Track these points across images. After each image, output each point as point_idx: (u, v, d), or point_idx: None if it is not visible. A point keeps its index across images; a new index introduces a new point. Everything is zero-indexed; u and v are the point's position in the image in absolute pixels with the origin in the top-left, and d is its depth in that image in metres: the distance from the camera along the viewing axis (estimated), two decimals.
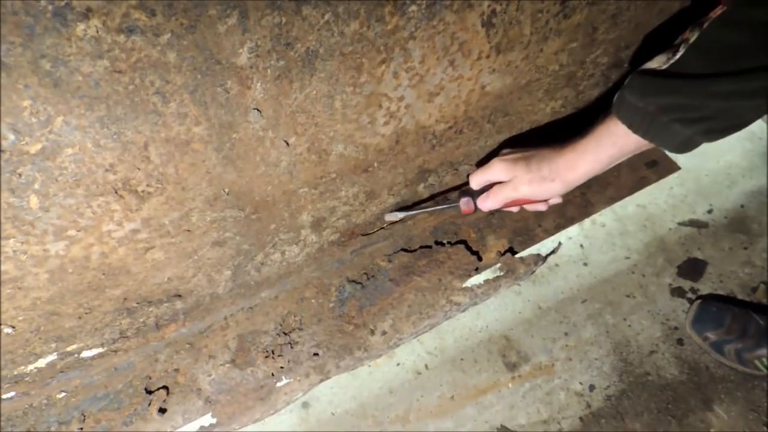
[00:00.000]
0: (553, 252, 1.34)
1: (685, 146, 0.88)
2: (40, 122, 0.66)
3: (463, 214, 1.16)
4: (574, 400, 1.61)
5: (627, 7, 1.04)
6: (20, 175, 0.71)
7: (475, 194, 1.13)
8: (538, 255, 1.32)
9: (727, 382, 1.60)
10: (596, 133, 0.95)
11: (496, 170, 1.06)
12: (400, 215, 1.25)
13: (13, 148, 0.67)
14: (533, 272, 1.33)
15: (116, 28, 0.62)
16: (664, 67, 0.87)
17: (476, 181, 1.11)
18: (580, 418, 1.58)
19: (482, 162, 1.19)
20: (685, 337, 1.67)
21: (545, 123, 1.27)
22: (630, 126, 0.89)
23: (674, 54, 0.87)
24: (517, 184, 1.03)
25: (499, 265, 1.31)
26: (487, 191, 1.09)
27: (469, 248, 1.33)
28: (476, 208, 1.13)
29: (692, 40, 0.85)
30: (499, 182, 1.08)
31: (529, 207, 1.12)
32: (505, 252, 1.32)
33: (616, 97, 0.93)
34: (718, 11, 0.84)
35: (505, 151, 1.12)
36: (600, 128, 0.95)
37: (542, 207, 1.12)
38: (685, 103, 0.83)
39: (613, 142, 0.93)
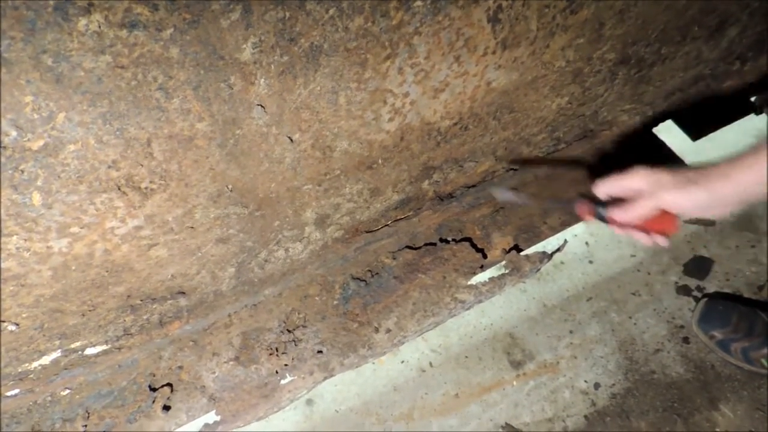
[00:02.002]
0: (558, 249, 1.33)
1: None
2: (42, 118, 0.66)
3: (579, 215, 1.04)
4: (579, 398, 1.60)
5: (634, 3, 1.03)
6: (23, 171, 0.70)
7: (598, 201, 1.00)
8: (544, 252, 1.31)
9: (733, 380, 1.58)
10: (758, 150, 0.81)
11: (637, 177, 0.91)
12: (508, 195, 1.15)
13: (16, 145, 0.67)
14: (539, 270, 1.32)
15: (118, 22, 0.61)
16: None
17: (606, 188, 0.97)
18: (585, 417, 1.57)
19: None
20: (691, 336, 1.65)
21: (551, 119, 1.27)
22: None
23: None
24: (659, 191, 0.88)
25: (504, 262, 1.30)
26: (628, 202, 0.94)
27: (474, 246, 1.32)
28: (597, 215, 1.00)
29: None
30: (633, 194, 0.94)
31: (651, 237, 0.97)
32: (511, 249, 1.31)
33: None
34: None
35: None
36: (763, 147, 0.81)
37: (664, 242, 0.97)
38: None
39: None
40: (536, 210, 1.36)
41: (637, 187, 0.91)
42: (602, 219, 0.99)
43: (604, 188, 0.97)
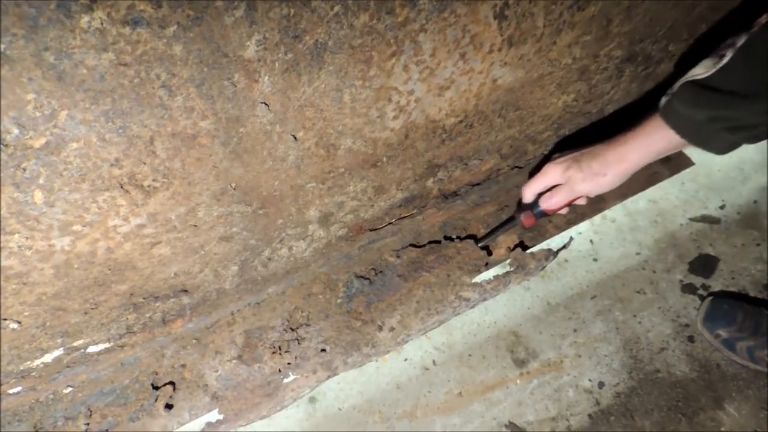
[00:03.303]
0: (564, 247, 1.33)
1: (729, 149, 0.94)
2: (44, 116, 0.65)
3: (525, 227, 1.21)
4: (583, 397, 1.59)
5: (642, 0, 1.02)
6: (25, 169, 0.70)
7: (531, 206, 1.17)
8: (549, 250, 1.30)
9: (739, 380, 1.58)
10: (646, 129, 1.00)
11: (551, 175, 1.11)
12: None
13: (17, 143, 0.66)
14: (544, 268, 1.31)
15: (121, 19, 0.60)
16: (711, 72, 0.89)
17: (531, 191, 1.15)
18: (589, 416, 1.57)
19: (533, 172, 1.22)
20: (696, 335, 1.64)
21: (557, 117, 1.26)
22: (678, 132, 0.95)
23: (721, 59, 0.88)
24: (572, 184, 1.08)
25: (509, 260, 1.29)
26: (549, 192, 1.13)
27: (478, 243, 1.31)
28: (536, 220, 1.18)
29: (740, 44, 0.87)
30: (555, 186, 1.13)
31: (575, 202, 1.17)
32: (515, 247, 1.30)
33: (664, 102, 0.97)
34: None
35: (555, 156, 1.15)
36: (649, 125, 0.99)
37: (583, 201, 1.18)
38: (734, 115, 0.87)
39: (661, 138, 0.98)
40: None
41: (553, 182, 1.12)
42: (542, 215, 1.17)
43: (529, 191, 1.16)
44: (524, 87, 1.09)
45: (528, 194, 1.16)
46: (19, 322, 0.95)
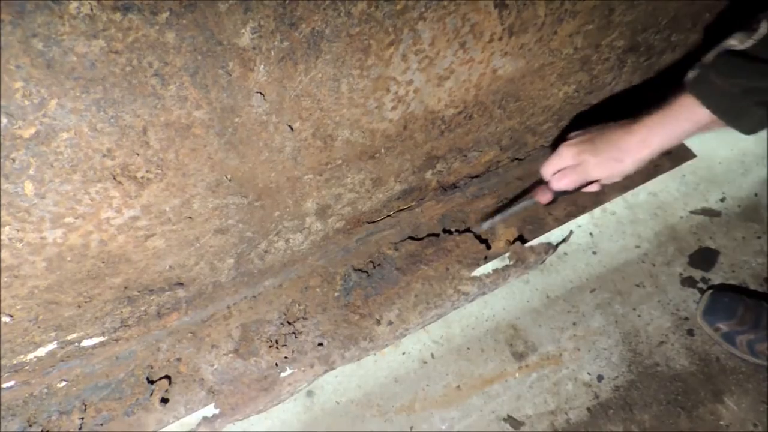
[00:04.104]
0: (564, 240, 1.32)
1: (758, 127, 0.89)
2: (33, 105, 0.63)
3: (542, 204, 1.18)
4: (581, 390, 1.58)
5: None
6: (14, 160, 0.68)
7: (548, 183, 1.14)
8: (549, 244, 1.29)
9: (738, 373, 1.57)
10: (671, 109, 0.94)
11: (565, 156, 1.08)
12: (487, 225, 1.28)
13: (6, 132, 0.64)
14: (543, 261, 1.30)
15: (112, 5, 0.59)
16: (746, 44, 0.86)
17: (548, 171, 1.12)
18: (588, 409, 1.56)
19: (554, 146, 1.19)
20: (695, 328, 1.63)
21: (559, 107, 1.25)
22: (710, 106, 0.89)
23: (755, 30, 0.85)
24: (586, 168, 1.05)
25: (508, 254, 1.28)
26: (561, 172, 1.10)
27: (477, 236, 1.30)
28: (553, 197, 1.15)
29: None
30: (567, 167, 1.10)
31: (586, 189, 1.13)
32: (515, 240, 1.29)
33: (694, 75, 0.92)
34: None
35: (571, 134, 1.11)
36: (675, 104, 0.94)
37: (595, 187, 1.13)
38: None
39: (687, 118, 0.93)
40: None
41: (566, 164, 1.08)
42: (559, 194, 1.14)
43: (546, 170, 1.12)
44: (525, 77, 1.08)
45: (545, 172, 1.13)
46: (12, 316, 0.94)
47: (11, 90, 0.61)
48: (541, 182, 1.17)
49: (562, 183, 1.09)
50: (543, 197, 1.15)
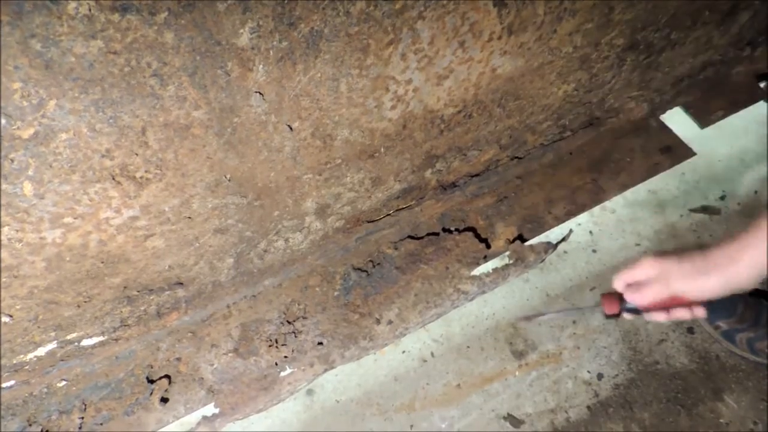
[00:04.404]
0: (563, 239, 1.32)
1: None
2: (32, 106, 0.63)
3: (606, 314, 1.05)
4: (581, 388, 1.59)
5: None
6: (13, 160, 0.68)
7: (620, 295, 1.04)
8: (549, 243, 1.29)
9: (738, 371, 1.57)
10: (762, 228, 0.85)
11: (645, 266, 0.97)
12: (535, 318, 1.19)
13: (5, 133, 0.64)
14: (543, 260, 1.30)
15: (110, 6, 0.58)
16: None
17: (621, 281, 1.02)
18: (588, 407, 1.56)
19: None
20: (695, 326, 1.64)
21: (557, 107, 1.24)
22: None
23: None
24: (668, 280, 0.93)
25: (508, 253, 1.28)
26: (637, 284, 0.99)
27: (477, 236, 1.30)
28: (621, 311, 1.03)
29: None
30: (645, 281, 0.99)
31: (673, 315, 0.99)
32: (515, 239, 1.29)
33: None
34: None
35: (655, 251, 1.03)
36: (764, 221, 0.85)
37: (687, 315, 0.99)
38: None
39: None
40: (540, 199, 1.34)
41: (647, 276, 0.96)
42: (629, 310, 1.02)
43: (620, 281, 1.02)
44: (524, 76, 1.08)
45: (618, 283, 1.03)
46: (11, 316, 0.94)
47: (10, 91, 0.61)
48: (609, 292, 1.05)
49: (636, 296, 0.98)
50: (609, 307, 1.03)
